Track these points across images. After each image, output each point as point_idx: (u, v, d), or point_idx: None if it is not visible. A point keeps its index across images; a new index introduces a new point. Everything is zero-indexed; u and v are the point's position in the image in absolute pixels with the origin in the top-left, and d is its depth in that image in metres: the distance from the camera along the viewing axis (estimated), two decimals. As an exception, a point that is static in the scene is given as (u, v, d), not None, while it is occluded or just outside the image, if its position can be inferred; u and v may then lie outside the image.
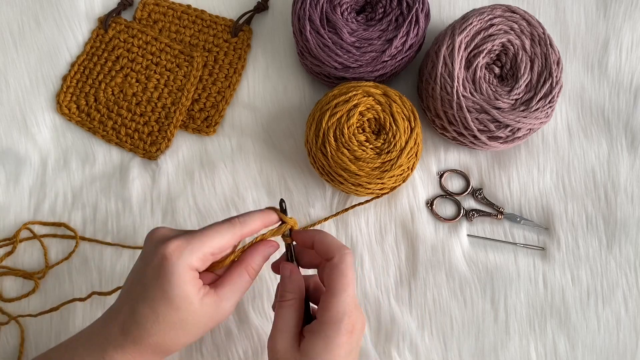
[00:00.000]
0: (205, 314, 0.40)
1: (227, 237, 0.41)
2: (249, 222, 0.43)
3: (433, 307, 0.57)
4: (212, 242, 0.40)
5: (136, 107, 0.62)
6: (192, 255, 0.39)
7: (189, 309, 0.39)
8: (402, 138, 0.53)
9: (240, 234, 0.42)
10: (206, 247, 0.40)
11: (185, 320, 0.39)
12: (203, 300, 0.40)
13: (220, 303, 0.41)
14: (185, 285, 0.39)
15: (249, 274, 0.43)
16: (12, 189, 0.59)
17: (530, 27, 0.55)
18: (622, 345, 0.56)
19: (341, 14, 0.56)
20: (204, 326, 0.41)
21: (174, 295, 0.38)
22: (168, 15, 0.65)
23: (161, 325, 0.39)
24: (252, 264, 0.43)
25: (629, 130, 0.61)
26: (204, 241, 0.40)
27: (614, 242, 0.58)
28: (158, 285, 0.39)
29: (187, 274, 0.39)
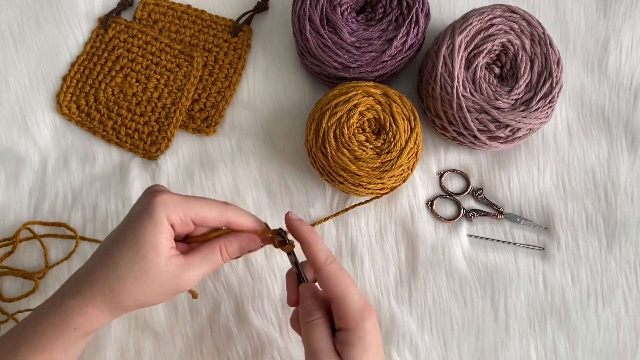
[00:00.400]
0: (168, 273, 0.40)
1: (214, 211, 0.42)
2: (242, 214, 0.43)
3: (433, 307, 0.57)
4: (198, 208, 0.41)
5: (136, 107, 0.62)
6: (175, 209, 0.40)
7: (153, 260, 0.39)
8: (402, 138, 0.53)
9: (228, 217, 0.42)
10: (191, 210, 0.41)
11: (146, 271, 0.39)
12: (170, 259, 0.40)
13: (185, 268, 0.41)
14: (157, 233, 0.39)
15: (221, 254, 0.43)
16: (12, 189, 0.59)
17: (530, 27, 0.55)
18: (622, 345, 0.56)
19: (341, 14, 0.56)
20: (163, 286, 0.40)
21: (144, 240, 0.39)
22: (168, 15, 0.65)
23: (122, 269, 0.39)
24: (228, 247, 0.43)
25: (629, 130, 0.61)
26: (190, 203, 0.41)
27: (614, 242, 0.58)
28: (132, 227, 0.40)
29: (162, 224, 0.39)
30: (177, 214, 0.40)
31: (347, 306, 0.40)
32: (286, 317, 0.56)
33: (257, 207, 0.59)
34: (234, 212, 0.43)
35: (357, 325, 0.39)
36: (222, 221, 0.43)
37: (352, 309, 0.40)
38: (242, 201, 0.59)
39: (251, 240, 0.44)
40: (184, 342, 0.55)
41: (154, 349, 0.55)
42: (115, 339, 0.55)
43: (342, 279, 0.41)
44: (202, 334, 0.55)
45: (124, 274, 0.39)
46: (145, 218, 0.40)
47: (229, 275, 0.57)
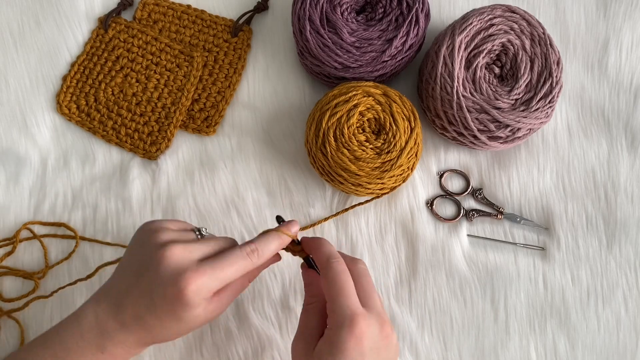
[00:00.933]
0: (207, 318, 0.42)
1: (243, 270, 0.42)
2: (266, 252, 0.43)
3: (433, 307, 0.57)
4: (229, 276, 0.41)
5: (136, 107, 0.62)
6: (209, 291, 0.40)
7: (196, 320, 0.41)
8: (402, 138, 0.53)
9: (255, 265, 0.42)
10: (223, 282, 0.41)
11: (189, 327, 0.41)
12: (207, 310, 0.41)
13: (221, 307, 0.42)
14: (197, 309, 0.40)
15: (249, 280, 0.45)
16: (12, 189, 0.59)
17: (530, 27, 0.55)
18: (622, 345, 0.56)
19: (341, 14, 0.56)
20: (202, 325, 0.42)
21: (185, 317, 0.40)
22: (168, 15, 0.65)
23: (167, 332, 0.41)
24: (255, 273, 0.45)
25: (629, 130, 0.61)
26: (222, 277, 0.40)
27: (614, 242, 0.58)
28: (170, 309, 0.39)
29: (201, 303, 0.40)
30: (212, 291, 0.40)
31: (333, 308, 0.40)
32: (286, 317, 0.56)
33: (257, 207, 0.59)
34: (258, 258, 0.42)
35: (333, 327, 0.39)
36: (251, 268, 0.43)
37: (337, 313, 0.39)
38: (242, 201, 0.59)
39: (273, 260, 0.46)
40: (184, 342, 0.55)
41: (154, 349, 0.55)
42: (115, 339, 0.55)
43: (339, 280, 0.41)
44: (202, 334, 0.55)
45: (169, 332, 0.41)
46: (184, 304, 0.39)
47: (229, 275, 0.57)
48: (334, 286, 0.40)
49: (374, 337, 0.39)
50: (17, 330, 0.55)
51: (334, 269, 0.41)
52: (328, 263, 0.42)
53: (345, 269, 0.42)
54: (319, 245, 0.44)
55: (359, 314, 0.39)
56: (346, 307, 0.39)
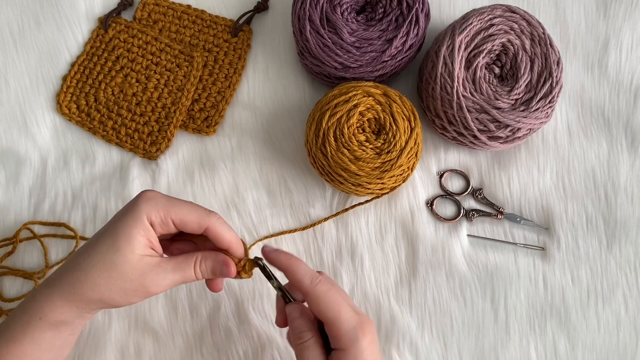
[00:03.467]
0: (137, 270, 0.40)
1: (194, 214, 0.42)
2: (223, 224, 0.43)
3: (433, 307, 0.57)
4: (180, 209, 0.41)
5: (136, 107, 0.62)
6: (156, 208, 0.40)
7: (126, 255, 0.39)
8: (402, 138, 0.53)
9: (208, 223, 0.42)
10: (172, 210, 0.41)
11: (115, 265, 0.39)
12: (143, 257, 0.40)
13: (157, 269, 0.40)
14: (135, 229, 0.40)
15: (194, 269, 0.43)
16: (12, 189, 0.59)
17: (530, 27, 0.55)
18: (622, 345, 0.56)
19: (341, 14, 0.56)
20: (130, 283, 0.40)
21: (121, 234, 0.39)
22: (168, 15, 0.65)
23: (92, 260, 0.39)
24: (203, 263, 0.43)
25: (629, 130, 0.61)
26: (173, 203, 0.41)
27: (614, 242, 0.58)
28: (113, 222, 0.40)
29: (142, 221, 0.40)
30: (158, 212, 0.40)
31: (339, 327, 0.39)
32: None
33: (257, 207, 0.59)
34: (216, 220, 0.42)
35: (350, 345, 0.39)
36: (202, 226, 0.42)
37: (345, 329, 0.39)
38: (242, 201, 0.59)
39: (225, 265, 0.43)
40: (184, 342, 0.55)
41: (154, 349, 0.55)
42: (115, 339, 0.55)
43: (331, 299, 0.40)
44: (202, 334, 0.55)
45: (92, 264, 0.39)
46: (127, 214, 0.40)
47: (229, 275, 0.57)
48: (329, 306, 0.40)
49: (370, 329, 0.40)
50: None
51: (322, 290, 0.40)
52: (312, 287, 0.41)
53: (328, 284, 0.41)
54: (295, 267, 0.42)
55: (363, 321, 0.40)
56: (350, 320, 0.39)
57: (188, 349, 0.55)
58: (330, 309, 0.40)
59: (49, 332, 0.41)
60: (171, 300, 0.56)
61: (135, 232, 0.40)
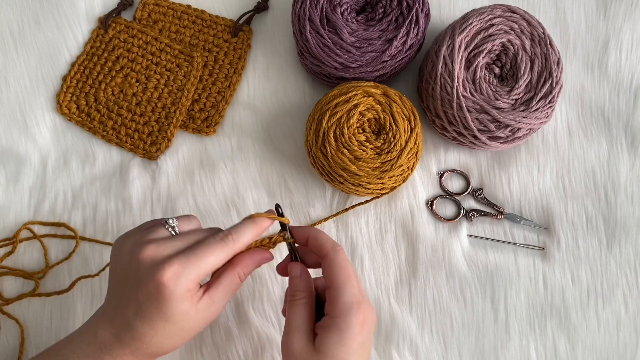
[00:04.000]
0: (200, 318, 0.41)
1: (221, 256, 0.42)
2: (242, 236, 0.43)
3: (433, 307, 0.57)
4: (207, 264, 0.41)
5: (136, 107, 0.62)
6: (189, 280, 0.40)
7: (186, 319, 0.40)
8: (402, 138, 0.53)
9: (234, 251, 0.42)
10: (202, 270, 0.40)
11: (182, 329, 0.41)
12: (197, 306, 0.41)
13: (212, 305, 0.42)
14: (183, 304, 0.40)
15: (239, 278, 0.44)
16: (12, 189, 0.59)
17: (530, 27, 0.55)
18: (622, 345, 0.56)
19: (341, 14, 0.56)
20: (198, 328, 0.42)
21: (173, 314, 0.39)
22: (168, 15, 0.65)
23: (159, 337, 0.40)
24: (244, 269, 0.44)
25: (629, 130, 0.61)
26: (199, 265, 0.40)
27: (614, 242, 0.58)
28: (155, 307, 0.39)
29: (184, 295, 0.40)
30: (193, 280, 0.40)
31: (340, 295, 0.40)
32: (286, 317, 0.56)
33: (257, 207, 0.59)
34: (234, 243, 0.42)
35: (341, 314, 0.39)
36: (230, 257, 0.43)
37: (343, 299, 0.40)
38: (242, 201, 0.59)
39: (263, 255, 0.45)
40: (184, 342, 0.55)
41: (154, 349, 0.55)
42: (115, 339, 0.55)
43: (345, 268, 0.41)
44: (202, 334, 0.55)
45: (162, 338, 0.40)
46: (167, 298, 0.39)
47: (229, 275, 0.57)
48: (341, 274, 0.41)
49: (372, 321, 0.41)
50: (17, 330, 0.55)
51: (341, 256, 0.42)
52: (335, 250, 0.42)
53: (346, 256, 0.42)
54: (317, 233, 0.44)
55: (363, 300, 0.40)
56: (353, 295, 0.40)
57: (188, 349, 0.55)
58: (341, 275, 0.41)
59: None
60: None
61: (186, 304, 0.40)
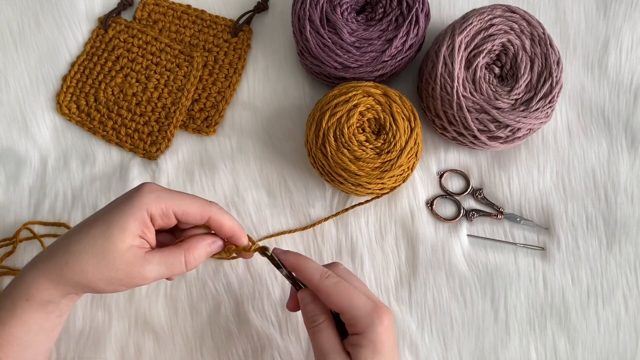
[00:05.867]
0: (124, 260, 0.40)
1: (196, 206, 0.42)
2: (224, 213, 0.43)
3: (433, 307, 0.57)
4: (181, 201, 0.41)
5: (136, 107, 0.62)
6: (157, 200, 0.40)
7: (116, 243, 0.39)
8: (402, 138, 0.53)
9: (210, 213, 0.42)
10: (173, 202, 0.41)
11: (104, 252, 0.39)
12: (132, 248, 0.40)
13: (142, 261, 0.40)
14: (130, 219, 0.39)
15: (185, 260, 0.42)
16: (12, 189, 0.59)
17: (530, 27, 0.55)
18: (622, 345, 0.56)
19: (341, 14, 0.56)
20: (116, 272, 0.40)
21: (115, 222, 0.39)
22: (168, 15, 0.65)
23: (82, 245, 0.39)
24: (194, 252, 0.43)
25: (629, 130, 0.61)
26: (174, 195, 0.41)
27: (614, 242, 0.58)
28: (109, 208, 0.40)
29: (139, 211, 0.40)
30: (159, 204, 0.40)
31: (354, 314, 0.40)
32: (286, 317, 0.56)
33: (257, 207, 0.59)
34: (217, 210, 0.43)
35: (367, 329, 0.39)
36: (204, 216, 0.43)
37: (360, 315, 0.40)
38: (242, 201, 0.59)
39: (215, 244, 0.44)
40: (184, 342, 0.55)
41: (154, 349, 0.55)
42: (115, 339, 0.55)
43: (342, 290, 0.41)
44: (202, 334, 0.55)
45: (82, 249, 0.39)
46: (126, 203, 0.40)
47: (229, 275, 0.57)
48: (341, 297, 0.40)
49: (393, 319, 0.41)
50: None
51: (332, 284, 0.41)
52: (322, 281, 0.41)
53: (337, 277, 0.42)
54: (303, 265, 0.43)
55: (379, 305, 0.40)
56: (365, 307, 0.40)
57: (188, 349, 0.55)
58: (342, 299, 0.40)
59: (37, 313, 0.41)
60: (171, 300, 0.56)
61: (130, 221, 0.40)
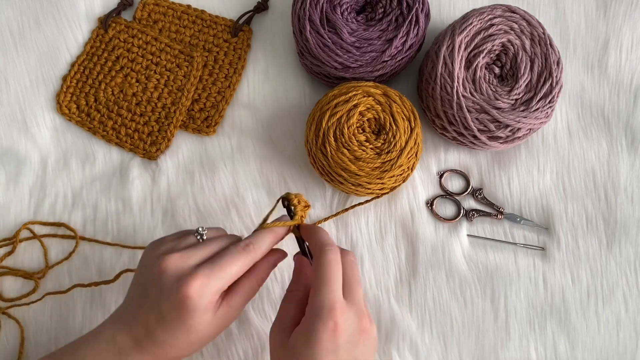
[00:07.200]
0: (219, 325, 0.42)
1: (243, 266, 0.42)
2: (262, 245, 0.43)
3: (433, 307, 0.57)
4: (230, 274, 0.41)
5: (136, 107, 0.62)
6: (213, 292, 0.40)
7: (206, 327, 0.41)
8: (402, 138, 0.53)
9: (254, 260, 0.43)
10: (225, 281, 0.41)
11: (202, 337, 0.41)
12: (217, 314, 0.41)
13: (230, 312, 0.42)
14: (206, 315, 0.40)
15: (257, 283, 0.44)
16: (12, 189, 0.59)
17: (530, 27, 0.55)
18: (622, 345, 0.56)
19: (341, 14, 0.56)
20: (216, 334, 0.43)
21: (195, 324, 0.40)
22: (168, 15, 0.65)
23: (179, 345, 0.41)
24: (262, 274, 0.45)
25: (629, 130, 0.61)
26: (223, 276, 0.41)
27: (614, 242, 0.58)
28: (178, 318, 0.40)
29: (207, 307, 0.40)
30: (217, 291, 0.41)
31: (313, 297, 0.40)
32: (286, 317, 0.56)
33: (257, 207, 0.59)
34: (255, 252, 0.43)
35: (310, 316, 0.39)
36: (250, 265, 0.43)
37: (315, 302, 0.39)
38: (242, 201, 0.59)
39: (279, 257, 0.46)
40: (184, 342, 0.55)
41: (154, 349, 0.55)
42: (115, 339, 0.55)
43: (328, 269, 0.40)
44: (202, 334, 0.55)
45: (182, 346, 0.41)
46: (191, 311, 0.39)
47: (229, 275, 0.57)
48: (321, 274, 0.40)
49: (350, 330, 0.39)
50: (17, 330, 0.55)
51: (326, 257, 0.41)
52: (321, 250, 0.41)
53: (338, 260, 0.41)
54: (314, 232, 0.44)
55: (338, 306, 0.38)
56: (327, 299, 0.39)
57: (188, 349, 0.55)
58: (319, 276, 0.40)
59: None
60: (171, 300, 0.56)
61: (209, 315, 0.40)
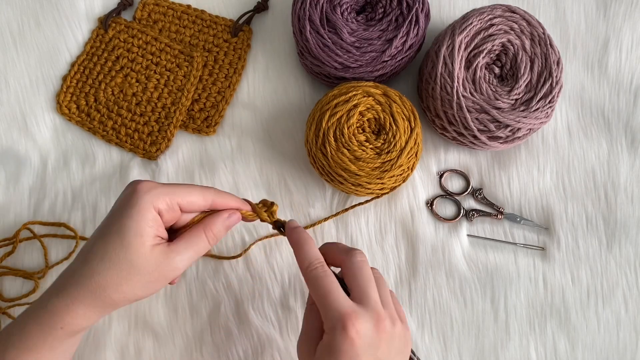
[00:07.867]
0: (153, 262, 0.39)
1: (197, 194, 0.42)
2: (225, 196, 0.43)
3: (433, 307, 0.57)
4: (182, 192, 0.41)
5: (136, 107, 0.62)
6: (160, 196, 0.40)
7: (138, 249, 0.39)
8: (402, 138, 0.53)
9: (212, 199, 0.42)
10: (176, 195, 0.40)
11: (131, 261, 0.39)
12: (154, 247, 0.39)
13: (170, 254, 0.40)
14: (142, 221, 0.39)
15: (207, 236, 0.42)
16: (12, 189, 0.59)
17: (530, 27, 0.55)
18: (622, 345, 0.56)
19: (341, 14, 0.56)
20: (150, 276, 0.40)
21: (128, 229, 0.38)
22: (168, 15, 0.65)
23: (107, 262, 0.39)
24: (213, 229, 0.43)
25: (629, 130, 0.61)
26: (175, 188, 0.41)
27: (614, 242, 0.58)
28: (116, 218, 0.39)
29: (148, 211, 0.39)
30: (163, 199, 0.40)
31: (324, 312, 0.39)
32: (286, 317, 0.56)
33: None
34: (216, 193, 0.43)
35: (328, 333, 0.38)
36: (207, 204, 0.43)
37: (328, 317, 0.39)
38: (242, 201, 0.59)
39: (233, 216, 0.44)
40: (184, 342, 0.55)
41: (154, 349, 0.55)
42: (115, 339, 0.55)
43: (320, 287, 0.40)
44: (202, 334, 0.55)
45: (108, 266, 0.38)
46: (130, 207, 0.39)
47: (229, 275, 0.57)
48: (317, 292, 0.40)
49: (368, 334, 0.38)
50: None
51: (313, 276, 0.41)
52: (307, 272, 0.41)
53: (326, 271, 0.41)
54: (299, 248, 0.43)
55: (348, 314, 0.38)
56: (334, 310, 0.38)
57: (188, 349, 0.55)
58: (318, 295, 0.40)
59: (69, 339, 0.41)
60: (171, 300, 0.56)
61: (143, 225, 0.39)
